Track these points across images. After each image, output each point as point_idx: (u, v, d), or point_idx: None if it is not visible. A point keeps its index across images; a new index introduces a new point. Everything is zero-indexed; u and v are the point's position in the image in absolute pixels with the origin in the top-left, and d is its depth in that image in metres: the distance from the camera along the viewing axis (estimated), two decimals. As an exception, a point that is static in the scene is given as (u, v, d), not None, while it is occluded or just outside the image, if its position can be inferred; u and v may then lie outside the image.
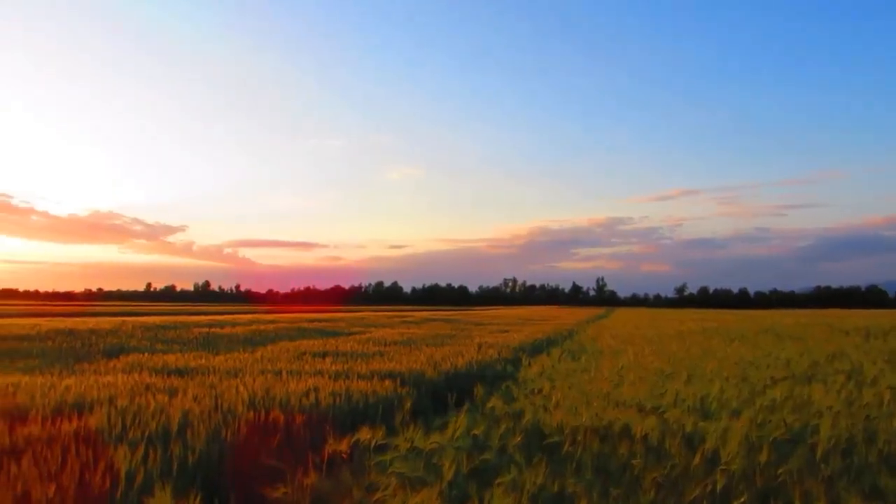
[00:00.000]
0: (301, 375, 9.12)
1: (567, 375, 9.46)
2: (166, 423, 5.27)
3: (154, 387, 7.80)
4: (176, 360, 12.00)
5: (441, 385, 9.62)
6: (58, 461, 4.02)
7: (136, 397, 6.70)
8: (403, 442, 4.44)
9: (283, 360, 11.95)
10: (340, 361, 11.68)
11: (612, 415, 5.82)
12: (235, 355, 13.12)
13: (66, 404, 6.38)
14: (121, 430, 5.12)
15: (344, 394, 7.32)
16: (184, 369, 10.56)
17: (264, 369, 10.22)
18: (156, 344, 17.03)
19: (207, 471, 4.51)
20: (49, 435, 4.90)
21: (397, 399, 7.55)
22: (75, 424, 5.20)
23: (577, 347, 16.24)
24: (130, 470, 3.86)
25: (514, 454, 4.67)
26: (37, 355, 14.11)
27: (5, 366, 11.90)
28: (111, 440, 4.80)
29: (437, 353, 13.76)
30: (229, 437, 5.05)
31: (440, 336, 21.16)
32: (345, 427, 5.92)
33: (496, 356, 13.60)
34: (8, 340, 16.96)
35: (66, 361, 12.73)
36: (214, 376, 9.09)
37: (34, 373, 10.23)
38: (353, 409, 6.86)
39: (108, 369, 10.86)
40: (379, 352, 14.19)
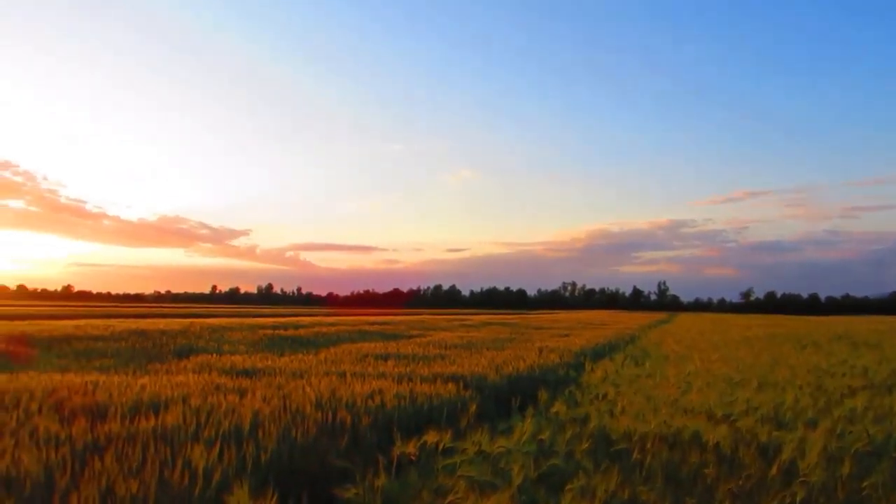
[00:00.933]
0: (365, 377, 9.22)
1: (631, 381, 9.32)
2: (238, 423, 5.41)
3: (224, 387, 8.01)
4: (243, 361, 12.30)
5: (503, 389, 9.59)
6: (139, 458, 4.17)
7: (208, 397, 6.90)
8: (471, 445, 4.46)
9: (346, 362, 12.11)
10: (402, 364, 11.77)
11: (680, 422, 5.71)
12: (300, 357, 13.36)
13: (142, 403, 6.60)
14: (195, 428, 5.27)
15: (408, 396, 7.38)
16: (251, 370, 10.80)
17: (328, 371, 10.38)
18: (223, 345, 17.47)
19: (279, 470, 4.61)
20: (128, 432, 5.08)
21: (461, 402, 7.57)
22: (152, 422, 5.38)
23: (639, 353, 15.97)
24: (207, 468, 3.98)
25: (581, 460, 4.63)
26: (111, 355, 14.66)
27: (83, 365, 12.40)
28: (187, 438, 4.96)
29: (497, 356, 13.73)
30: (299, 437, 5.15)
31: (500, 340, 21.09)
32: (410, 429, 5.96)
33: (558, 360, 13.48)
34: (84, 340, 17.68)
35: (139, 361, 13.20)
36: (281, 377, 9.28)
37: (110, 372, 10.64)
38: (418, 412, 6.90)
39: (179, 369, 11.20)
40: (440, 355, 14.24)
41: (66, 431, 5.09)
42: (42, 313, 41.74)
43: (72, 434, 4.99)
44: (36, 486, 3.67)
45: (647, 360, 13.18)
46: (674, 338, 22.94)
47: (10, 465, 3.97)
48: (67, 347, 15.91)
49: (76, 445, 4.64)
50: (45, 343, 16.65)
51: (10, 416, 5.68)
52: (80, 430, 5.12)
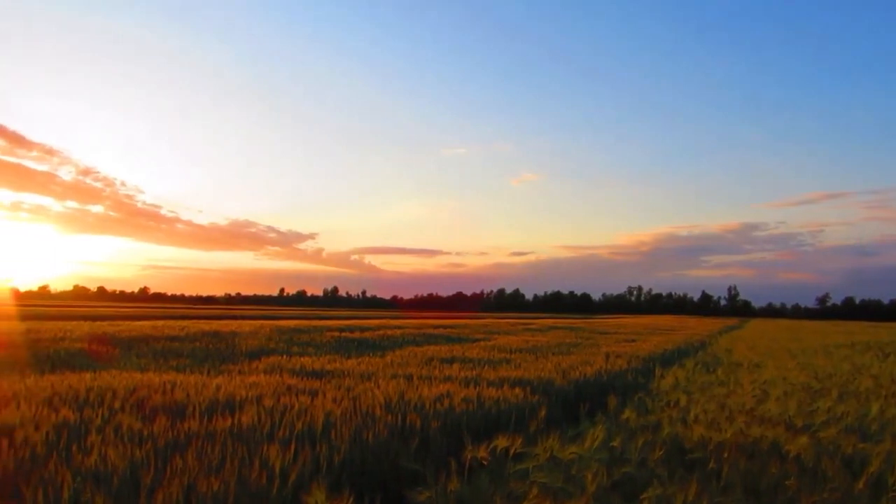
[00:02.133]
0: (431, 381, 9.26)
1: (703, 388, 9.08)
2: (311, 424, 5.51)
3: (295, 388, 8.17)
4: (312, 363, 12.52)
5: (570, 394, 9.50)
6: (218, 456, 4.30)
7: (280, 398, 7.05)
8: (542, 451, 4.42)
9: (412, 365, 12.19)
10: (468, 368, 11.77)
11: (758, 431, 5.53)
12: (367, 359, 13.52)
13: (218, 402, 6.80)
14: (270, 428, 5.40)
15: (475, 400, 7.38)
16: (320, 372, 11.00)
17: (395, 374, 10.47)
18: (292, 347, 17.84)
19: (351, 471, 4.68)
20: (207, 431, 5.24)
21: (529, 407, 7.52)
22: (229, 422, 5.53)
23: (710, 359, 15.55)
24: (284, 467, 4.07)
25: (655, 468, 4.53)
26: (186, 355, 15.16)
27: (160, 364, 12.86)
28: (262, 438, 5.08)
29: (563, 361, 13.60)
30: (370, 439, 5.21)
31: (565, 344, 20.88)
32: (478, 433, 5.96)
33: (625, 366, 13.25)
34: (161, 341, 18.34)
35: (213, 361, 13.60)
36: (349, 379, 9.40)
37: (186, 371, 10.99)
38: (486, 416, 6.89)
39: (251, 370, 11.49)
40: (505, 359, 14.19)
41: (148, 429, 5.28)
42: (121, 314, 43.50)
43: (153, 432, 5.18)
44: (123, 482, 3.83)
45: (719, 366, 12.82)
46: (746, 344, 22.26)
47: (97, 461, 4.15)
48: (146, 347, 16.53)
49: (158, 443, 4.81)
50: (125, 343, 17.34)
51: (96, 413, 5.94)
52: (162, 427, 5.31)
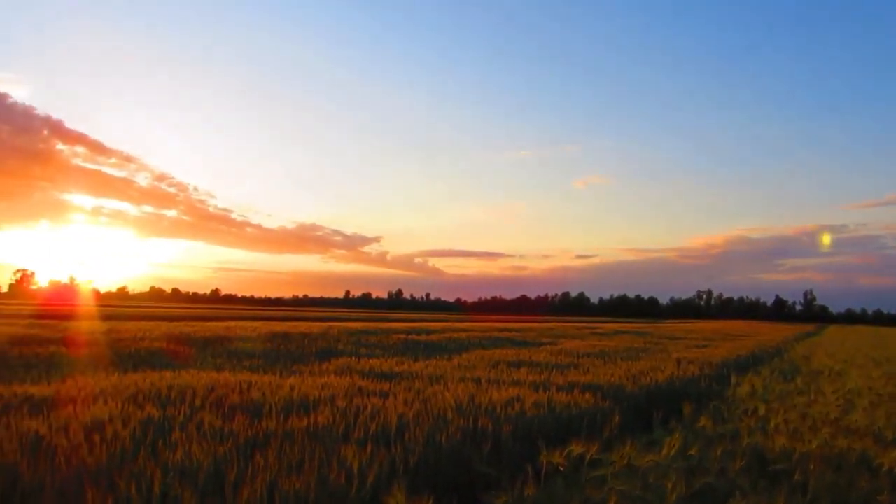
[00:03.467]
0: (500, 384, 9.25)
1: (782, 397, 8.79)
2: (385, 425, 5.58)
3: (366, 389, 8.28)
4: (381, 365, 12.67)
5: (641, 400, 9.33)
6: (297, 455, 4.40)
7: (353, 399, 7.16)
8: (618, 458, 4.36)
9: (480, 369, 12.19)
10: (536, 372, 11.70)
11: (844, 443, 5.33)
12: (434, 362, 13.59)
13: (293, 402, 6.95)
14: (345, 429, 5.49)
15: (546, 405, 7.33)
16: (389, 373, 11.11)
17: (464, 377, 10.49)
18: (360, 348, 18.09)
19: (426, 473, 4.71)
20: (284, 430, 5.37)
21: (600, 413, 7.43)
22: (305, 422, 5.65)
23: (787, 367, 15.03)
24: (362, 468, 4.13)
25: (736, 478, 4.41)
26: (259, 355, 15.54)
27: (234, 364, 13.22)
28: (338, 438, 5.17)
29: (633, 366, 13.37)
30: (443, 441, 5.23)
31: (633, 349, 20.52)
32: (550, 438, 5.91)
33: (698, 372, 12.93)
34: (234, 341, 18.87)
35: (285, 362, 13.90)
36: (419, 382, 9.47)
37: (259, 372, 11.28)
38: (557, 421, 6.83)
39: (321, 371, 11.70)
40: (573, 363, 14.04)
41: (228, 427, 5.45)
42: (195, 315, 44.96)
43: (234, 430, 5.33)
44: (208, 478, 3.96)
45: (798, 375, 12.38)
46: (825, 351, 21.42)
47: (183, 457, 4.30)
48: (220, 348, 17.05)
49: (239, 440, 4.95)
50: (200, 343, 17.92)
51: (178, 411, 6.16)
52: (241, 426, 5.46)
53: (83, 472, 3.98)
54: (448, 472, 4.89)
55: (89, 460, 4.21)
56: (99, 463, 4.19)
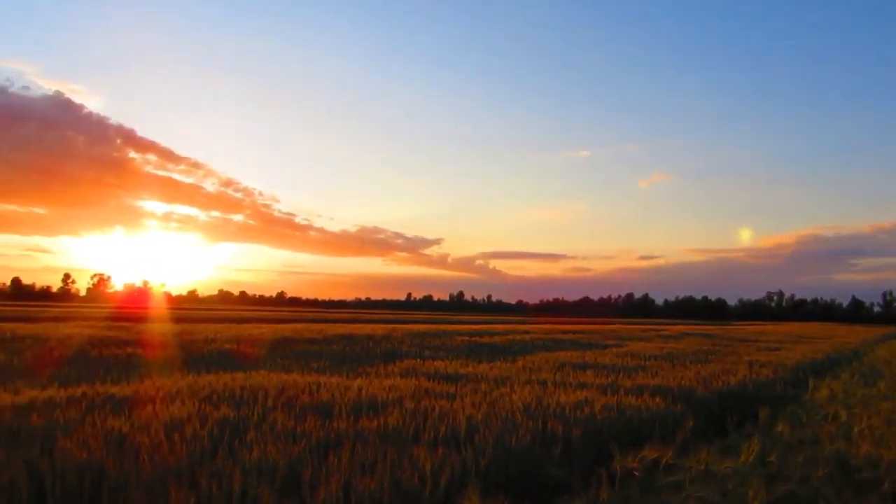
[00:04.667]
0: (566, 387, 9.15)
1: (864, 402, 8.42)
2: (454, 427, 5.59)
3: (432, 391, 8.30)
4: (445, 367, 12.70)
5: (713, 404, 9.09)
6: (370, 456, 4.44)
7: (421, 400, 7.20)
8: (694, 463, 4.25)
9: (545, 371, 12.10)
10: (603, 374, 11.54)
11: (936, 451, 5.05)
12: (499, 364, 13.55)
13: (361, 403, 7.03)
14: (414, 430, 5.52)
15: (615, 408, 7.22)
16: (454, 376, 11.13)
17: (529, 379, 10.43)
18: (423, 350, 18.17)
19: (496, 476, 4.69)
20: (355, 431, 5.43)
21: (672, 416, 7.27)
22: (375, 423, 5.71)
23: (868, 370, 14.41)
24: (435, 469, 4.15)
25: (819, 487, 4.25)
26: (325, 357, 15.80)
27: (302, 366, 13.46)
28: (408, 440, 5.20)
29: (703, 369, 13.06)
30: (514, 444, 5.21)
31: (702, 352, 20.03)
32: (621, 442, 5.81)
33: (772, 376, 12.53)
34: (301, 343, 19.24)
35: (351, 364, 14.09)
36: (484, 384, 9.46)
37: (326, 373, 11.45)
38: (627, 425, 6.71)
39: (387, 373, 11.81)
40: (640, 366, 13.80)
41: (300, 427, 5.54)
42: (262, 317, 46.05)
43: (306, 430, 5.43)
44: (284, 478, 4.04)
45: (880, 379, 11.84)
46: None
47: (260, 457, 4.40)
48: (288, 349, 17.40)
49: (311, 441, 5.04)
50: (268, 345, 18.33)
51: (252, 411, 6.31)
52: (313, 426, 5.55)
53: (166, 470, 4.11)
54: (519, 474, 4.87)
55: (171, 458, 4.35)
56: (180, 461, 4.32)
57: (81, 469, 4.13)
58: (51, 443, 4.76)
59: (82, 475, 4.06)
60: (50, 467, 4.16)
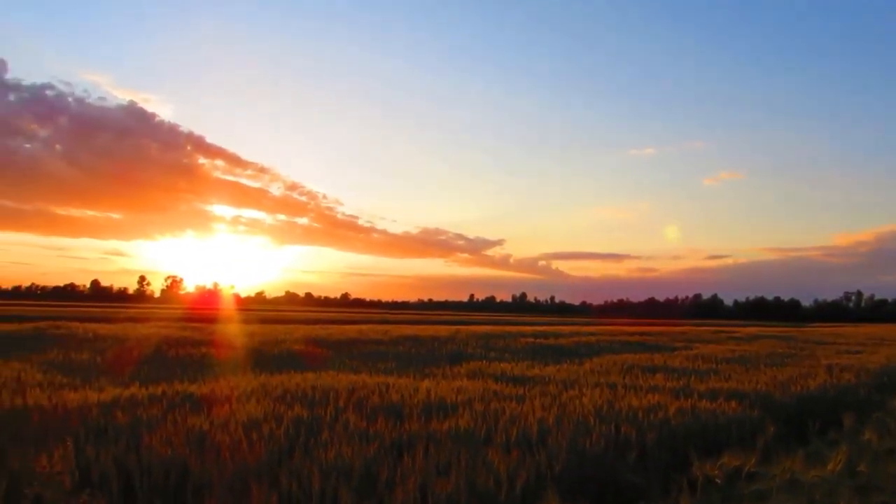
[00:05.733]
0: (637, 390, 8.99)
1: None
2: (526, 430, 5.55)
3: (501, 393, 8.27)
4: (511, 369, 12.64)
5: (792, 409, 8.77)
6: (445, 458, 4.45)
7: (490, 402, 7.18)
8: (779, 471, 4.10)
9: (613, 374, 11.92)
10: (674, 378, 11.28)
11: None
12: (565, 366, 13.41)
13: (431, 405, 7.05)
14: (486, 433, 5.51)
15: (690, 412, 7.04)
16: (521, 378, 11.06)
17: (598, 382, 10.28)
18: (489, 352, 18.15)
19: (570, 480, 4.63)
20: (427, 432, 5.45)
21: (749, 422, 7.05)
22: (446, 425, 5.72)
23: (961, 376, 13.66)
24: (510, 472, 4.12)
25: (916, 499, 4.04)
26: (391, 358, 15.95)
27: (369, 367, 13.62)
28: (480, 442, 5.19)
29: (779, 373, 12.63)
30: (587, 448, 5.14)
31: (776, 355, 19.38)
32: (697, 448, 5.66)
33: (854, 380, 12.01)
34: (367, 344, 19.48)
35: (417, 365, 14.17)
36: (552, 386, 9.37)
37: (393, 374, 11.56)
38: (703, 430, 6.54)
39: (453, 374, 11.84)
40: (713, 369, 13.45)
41: (372, 428, 5.60)
42: (328, 318, 46.81)
43: (379, 431, 5.48)
44: (361, 478, 4.08)
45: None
46: None
47: (336, 457, 4.47)
48: (355, 350, 17.64)
49: (385, 442, 5.08)
50: (335, 345, 18.62)
51: (324, 411, 6.41)
52: (385, 427, 5.60)
53: (246, 468, 4.22)
54: (593, 479, 4.79)
55: (250, 457, 4.46)
56: (259, 459, 4.42)
57: (166, 466, 4.28)
58: (136, 440, 4.94)
59: (167, 472, 4.20)
60: (137, 463, 4.32)
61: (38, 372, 10.30)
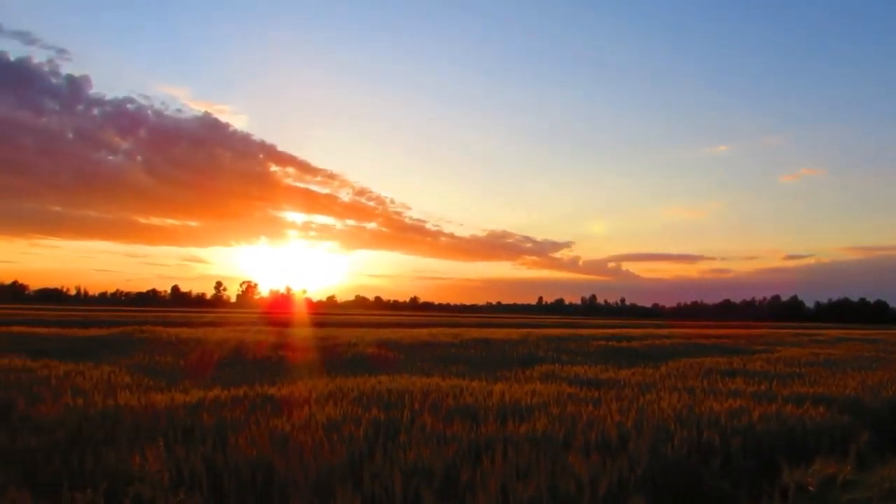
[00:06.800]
0: (717, 395, 8.74)
1: None
2: (605, 434, 5.47)
3: (576, 397, 8.19)
4: (585, 372, 12.50)
5: (885, 415, 8.36)
6: (524, 461, 4.43)
7: (566, 406, 7.11)
8: (878, 480, 3.92)
9: (691, 378, 11.63)
10: (755, 382, 10.92)
11: None
12: (640, 370, 13.17)
13: (506, 408, 7.03)
14: (564, 436, 5.45)
15: (775, 418, 6.80)
16: (595, 381, 10.92)
17: (675, 386, 10.06)
18: (560, 355, 17.98)
19: (653, 486, 4.54)
20: (504, 435, 5.44)
21: (839, 428, 6.76)
22: (524, 428, 5.69)
23: None
24: (593, 477, 4.07)
25: None
26: (463, 361, 15.98)
27: (441, 369, 13.69)
28: (558, 445, 5.14)
29: (868, 377, 12.08)
30: (669, 453, 5.02)
31: (863, 358, 18.57)
32: (785, 455, 5.46)
33: (951, 386, 11.36)
34: (438, 347, 19.59)
35: (488, 368, 14.16)
36: (628, 390, 9.22)
37: (465, 377, 11.57)
38: (791, 436, 6.29)
39: (526, 377, 11.77)
40: (796, 373, 12.97)
41: (449, 430, 5.62)
42: (398, 322, 47.32)
43: (455, 434, 5.49)
44: (442, 480, 4.11)
45: None
46: None
47: (416, 458, 4.50)
48: (426, 353, 17.75)
49: (462, 444, 5.09)
50: (406, 349, 18.79)
51: (401, 414, 6.46)
52: (461, 430, 5.62)
53: (329, 469, 4.30)
54: (677, 485, 4.68)
55: (332, 458, 4.54)
56: (341, 461, 4.50)
57: (253, 466, 4.40)
58: (222, 440, 5.10)
59: (254, 472, 4.32)
60: (224, 463, 4.46)
61: (127, 374, 10.78)
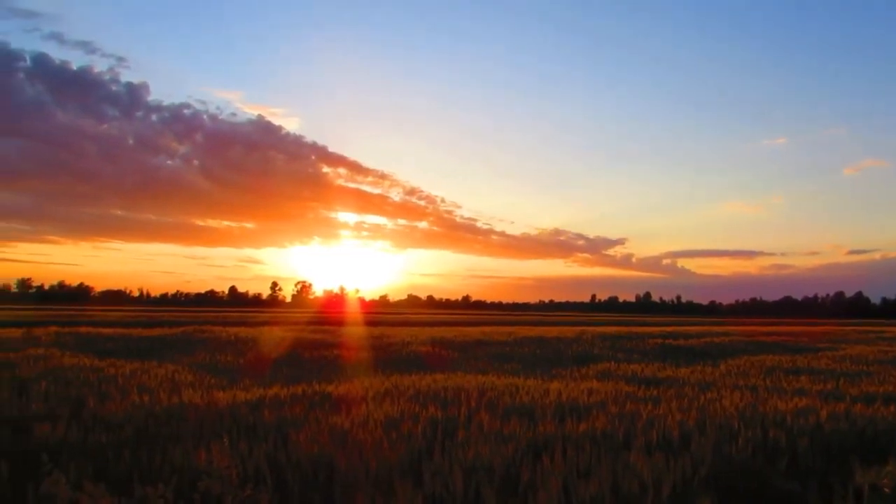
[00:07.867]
0: (781, 393, 8.52)
1: None
2: (666, 433, 5.38)
3: (634, 395, 8.07)
4: (642, 370, 12.32)
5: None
6: (585, 460, 4.39)
7: (625, 404, 7.02)
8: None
9: (753, 376, 11.36)
10: (820, 380, 10.59)
11: None
12: (699, 368, 12.92)
13: (563, 406, 6.98)
14: (624, 435, 5.38)
15: (843, 417, 6.58)
16: (653, 379, 10.75)
17: (736, 384, 9.85)
18: (616, 353, 17.78)
19: (717, 486, 4.43)
20: (563, 434, 5.40)
21: (913, 429, 6.49)
22: (583, 427, 5.63)
23: None
24: (656, 477, 4.00)
25: None
26: (517, 359, 15.94)
27: (495, 367, 13.68)
28: (619, 445, 5.08)
29: (943, 376, 11.59)
30: (734, 453, 4.91)
31: (936, 356, 17.79)
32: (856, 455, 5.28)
33: None
34: (492, 346, 19.56)
35: (543, 366, 14.10)
36: (688, 388, 9.05)
37: (520, 375, 11.53)
38: (861, 436, 6.08)
39: (582, 376, 11.67)
40: (864, 371, 12.53)
41: (507, 429, 5.60)
42: (450, 320, 47.35)
43: (513, 432, 5.47)
44: (502, 478, 4.10)
45: None
46: None
47: (475, 456, 4.50)
48: (480, 351, 17.76)
49: (521, 443, 5.07)
50: (460, 347, 18.82)
51: (458, 411, 6.47)
52: (519, 428, 5.59)
53: (389, 466, 4.33)
54: (742, 486, 4.56)
55: (392, 455, 4.58)
56: (400, 458, 4.53)
57: (314, 462, 4.47)
58: (283, 437, 5.20)
59: (316, 468, 4.39)
60: (286, 460, 4.54)
61: (189, 373, 11.07)
